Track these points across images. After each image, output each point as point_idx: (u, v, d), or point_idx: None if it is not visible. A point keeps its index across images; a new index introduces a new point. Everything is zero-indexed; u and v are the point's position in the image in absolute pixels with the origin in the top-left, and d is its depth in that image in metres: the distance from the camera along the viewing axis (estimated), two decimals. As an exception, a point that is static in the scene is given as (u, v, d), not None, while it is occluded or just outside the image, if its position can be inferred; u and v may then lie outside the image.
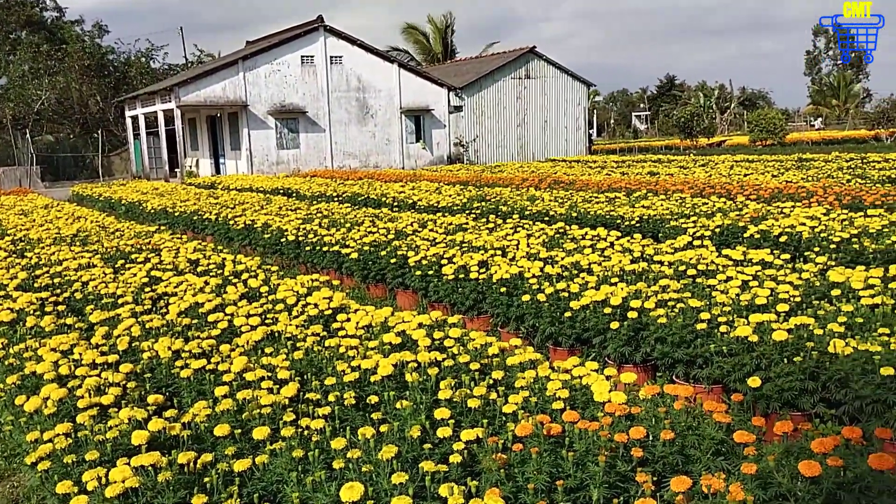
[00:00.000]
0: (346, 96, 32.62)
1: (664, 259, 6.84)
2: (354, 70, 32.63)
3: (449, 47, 55.71)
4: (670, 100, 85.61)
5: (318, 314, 5.60)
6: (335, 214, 11.69)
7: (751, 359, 4.46)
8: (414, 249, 8.10)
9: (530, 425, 3.03)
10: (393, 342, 4.65)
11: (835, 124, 67.11)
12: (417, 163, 34.18)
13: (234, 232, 12.07)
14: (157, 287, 6.76)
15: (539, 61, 37.47)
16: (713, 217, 9.49)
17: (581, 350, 5.71)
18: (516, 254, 7.44)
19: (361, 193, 16.26)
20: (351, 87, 32.68)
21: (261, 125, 30.77)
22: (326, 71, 31.91)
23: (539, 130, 37.90)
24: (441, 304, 7.39)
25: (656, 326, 5.08)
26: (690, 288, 5.76)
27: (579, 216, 10.68)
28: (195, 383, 4.21)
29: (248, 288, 6.65)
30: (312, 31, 31.61)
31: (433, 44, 55.32)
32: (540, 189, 15.25)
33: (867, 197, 10.63)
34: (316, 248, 9.57)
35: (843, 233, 7.65)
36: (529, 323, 6.08)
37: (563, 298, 5.87)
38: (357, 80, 32.75)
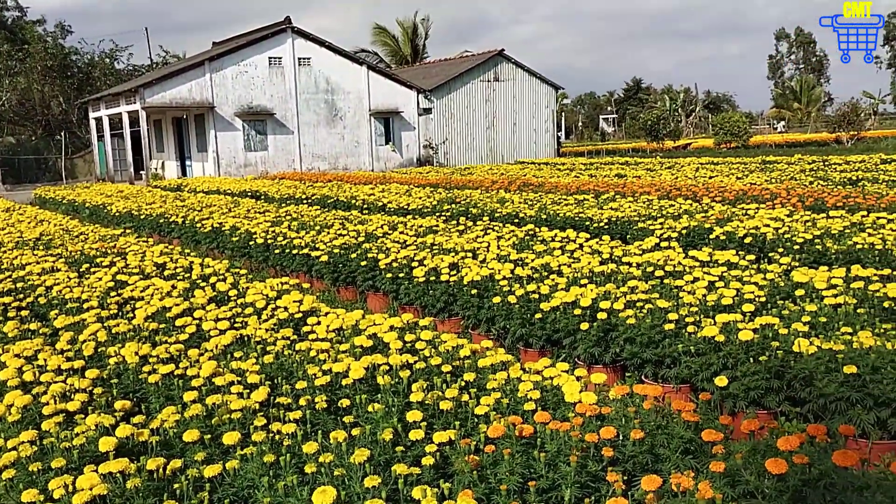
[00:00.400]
0: (314, 98, 32.45)
1: (632, 260, 6.92)
2: (323, 72, 32.48)
3: (418, 50, 55.70)
4: (637, 103, 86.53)
5: (288, 318, 5.57)
6: (304, 217, 11.62)
7: (718, 358, 4.53)
8: (384, 252, 8.09)
9: (502, 427, 3.05)
10: (364, 345, 4.64)
11: (797, 127, 68.30)
12: (387, 165, 34.12)
13: (201, 235, 11.95)
14: (123, 291, 6.66)
15: (508, 64, 37.65)
16: (679, 219, 9.62)
17: (552, 351, 5.75)
18: (487, 256, 7.47)
19: (330, 196, 16.19)
20: (319, 88, 32.52)
21: (228, 127, 30.47)
22: (294, 72, 31.71)
23: (508, 133, 38.07)
24: (412, 306, 7.38)
25: (625, 327, 5.14)
26: (658, 289, 5.83)
27: (549, 218, 10.75)
28: (163, 388, 4.15)
29: (216, 292, 6.58)
30: (280, 32, 31.40)
31: (402, 46, 55.27)
32: (509, 191, 15.33)
33: (829, 199, 10.85)
34: (285, 251, 9.50)
35: (806, 234, 7.80)
36: (500, 324, 6.11)
37: (533, 300, 5.90)
38: (326, 82, 32.60)
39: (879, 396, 3.81)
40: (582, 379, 3.71)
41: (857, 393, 3.85)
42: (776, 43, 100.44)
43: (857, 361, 3.90)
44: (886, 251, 7.12)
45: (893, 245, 7.23)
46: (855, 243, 7.35)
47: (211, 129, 30.15)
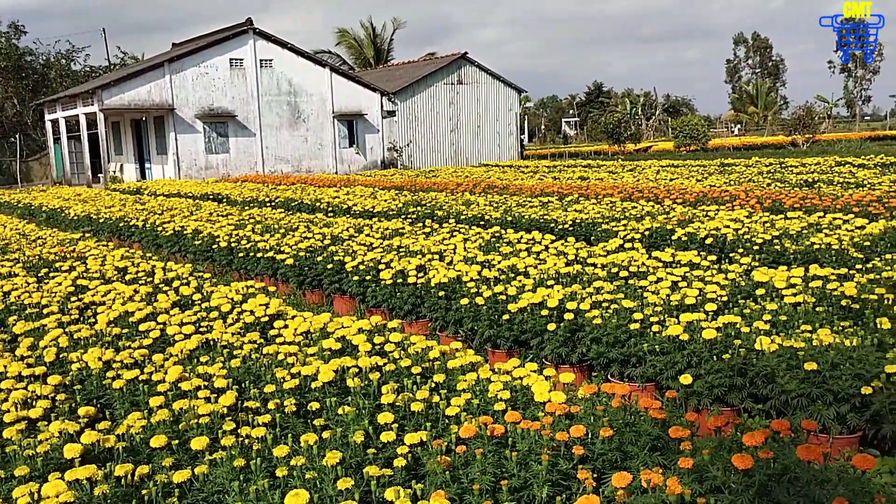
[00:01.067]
0: (277, 100, 32.19)
1: (597, 261, 6.99)
2: (285, 74, 32.22)
3: (382, 52, 55.61)
4: (598, 106, 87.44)
5: (254, 321, 5.52)
6: (268, 220, 11.52)
7: (682, 357, 4.61)
8: (351, 255, 8.06)
9: (474, 427, 3.06)
10: (333, 348, 4.62)
11: (753, 130, 69.61)
12: (351, 168, 33.98)
13: (162, 239, 11.77)
14: (83, 296, 6.54)
15: (471, 67, 37.76)
16: (642, 220, 9.75)
17: (519, 352, 5.79)
18: (454, 258, 7.48)
19: (294, 198, 16.07)
20: (282, 90, 32.26)
21: (188, 129, 30.06)
22: (256, 74, 31.42)
23: (472, 136, 38.18)
24: (379, 309, 7.37)
25: (592, 327, 5.19)
26: (623, 289, 5.91)
27: (514, 220, 10.81)
28: (128, 394, 4.09)
29: (179, 296, 6.49)
30: (241, 33, 31.08)
31: (365, 48, 55.15)
32: (474, 194, 15.39)
33: (787, 200, 11.09)
34: (249, 255, 9.41)
35: (765, 234, 7.97)
36: (468, 326, 6.13)
37: (500, 301, 5.93)
38: (288, 84, 32.36)
39: (839, 392, 3.91)
40: (551, 379, 3.75)
41: (818, 389, 3.95)
42: (734, 47, 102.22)
43: (818, 358, 4.00)
44: (843, 251, 7.30)
45: (849, 245, 7.42)
46: (812, 243, 7.53)
47: (171, 132, 29.72)
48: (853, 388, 3.87)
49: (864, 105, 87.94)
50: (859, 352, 4.03)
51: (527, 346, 5.78)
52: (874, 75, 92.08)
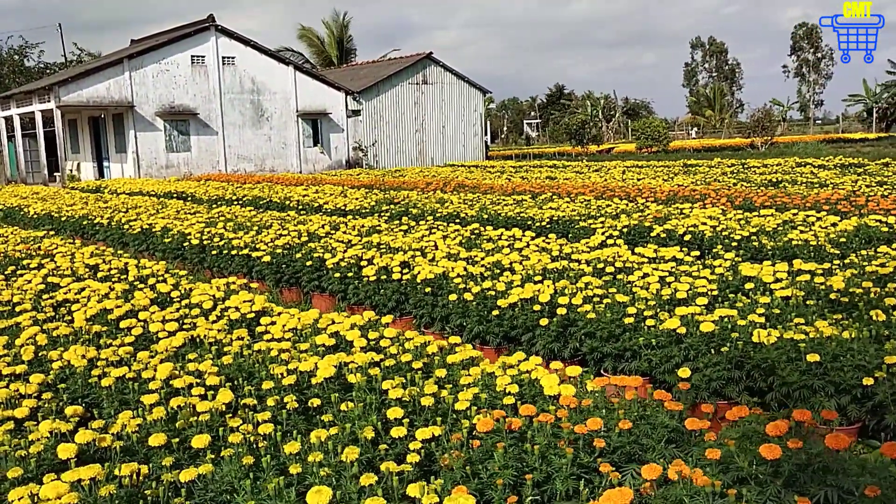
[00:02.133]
0: (239, 98, 31.73)
1: (581, 257, 6.97)
2: (248, 71, 31.79)
3: (344, 51, 55.23)
4: (560, 108, 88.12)
5: (239, 318, 5.37)
6: (240, 218, 11.29)
7: (679, 350, 4.59)
8: (330, 251, 7.92)
9: (490, 421, 2.99)
10: (327, 344, 4.51)
11: (710, 133, 70.77)
12: (315, 167, 33.65)
13: (129, 237, 11.46)
14: (55, 294, 6.30)
15: (436, 67, 37.71)
16: (619, 218, 9.79)
17: (508, 348, 5.73)
18: (435, 254, 7.40)
19: (263, 197, 15.82)
20: (245, 88, 31.82)
21: (148, 127, 29.46)
22: (219, 72, 30.93)
23: (437, 136, 38.13)
24: (361, 306, 7.25)
25: (585, 322, 5.16)
26: (612, 284, 5.89)
27: (490, 218, 10.76)
28: (117, 393, 3.92)
29: (157, 293, 6.29)
30: (203, 30, 30.57)
31: (328, 47, 54.70)
32: (445, 192, 15.30)
33: (756, 198, 11.25)
34: (223, 252, 9.20)
35: (742, 231, 8.05)
36: (456, 322, 6.05)
37: (489, 297, 5.87)
38: (251, 82, 31.92)
39: (840, 384, 3.93)
40: (558, 372, 3.69)
41: (819, 381, 3.96)
42: (691, 51, 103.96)
43: (819, 350, 4.01)
44: (820, 247, 7.40)
45: (825, 241, 7.53)
46: (790, 240, 7.62)
47: (130, 130, 29.09)
48: (854, 380, 3.89)
49: (816, 109, 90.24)
50: (858, 344, 4.06)
51: (517, 342, 5.73)
52: (827, 80, 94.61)
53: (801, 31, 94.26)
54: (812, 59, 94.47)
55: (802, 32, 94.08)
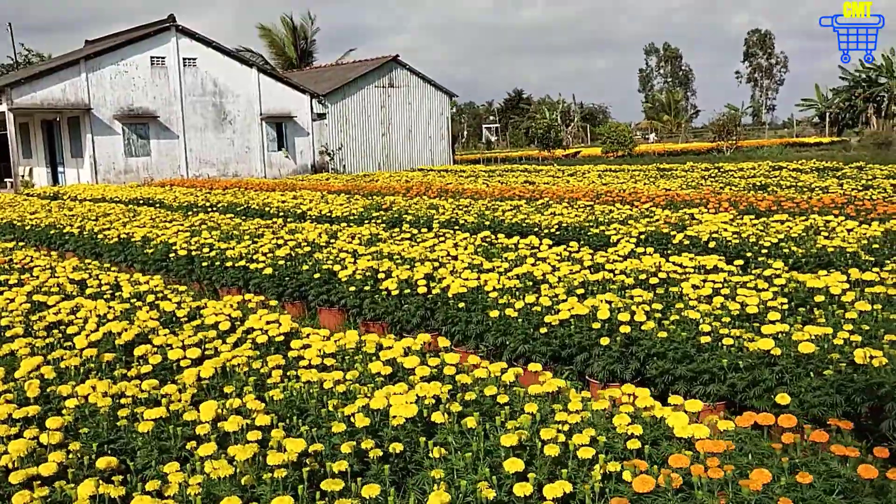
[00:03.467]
0: (201, 101, 30.75)
1: (616, 267, 6.54)
2: (210, 73, 30.83)
3: (305, 53, 54.33)
4: (519, 112, 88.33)
5: (267, 342, 4.79)
6: (224, 226, 10.62)
7: (772, 373, 4.17)
8: (339, 263, 7.36)
9: (651, 478, 2.50)
10: (383, 373, 3.97)
11: (667, 138, 71.52)
12: (281, 171, 32.80)
13: (104, 247, 10.68)
14: (45, 314, 5.63)
15: (402, 70, 37.18)
16: (627, 223, 9.41)
17: (554, 368, 5.25)
18: (455, 265, 6.89)
19: (239, 203, 15.09)
20: (207, 91, 30.85)
21: (106, 130, 28.32)
22: (179, 73, 29.92)
23: (404, 140, 37.57)
24: (377, 323, 6.71)
25: (654, 341, 4.71)
26: (667, 298, 5.46)
27: (493, 225, 10.29)
28: (153, 438, 3.33)
29: (161, 313, 5.66)
30: (163, 30, 29.56)
31: (287, 49, 53.74)
32: (429, 198, 14.77)
33: (760, 203, 11.00)
34: (215, 264, 8.54)
35: (770, 238, 7.71)
36: (495, 340, 5.55)
37: (535, 313, 5.39)
38: (213, 84, 30.97)
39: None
40: (679, 408, 3.22)
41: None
42: (646, 57, 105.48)
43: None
44: (855, 254, 7.10)
45: (858, 248, 7.23)
46: (824, 246, 7.31)
47: (87, 133, 27.92)
48: None
49: (769, 114, 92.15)
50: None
51: (565, 362, 5.26)
52: (779, 86, 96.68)
53: (755, 37, 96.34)
54: (765, 65, 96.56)
55: (756, 39, 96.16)
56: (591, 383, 5.05)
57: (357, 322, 6.94)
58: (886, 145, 38.01)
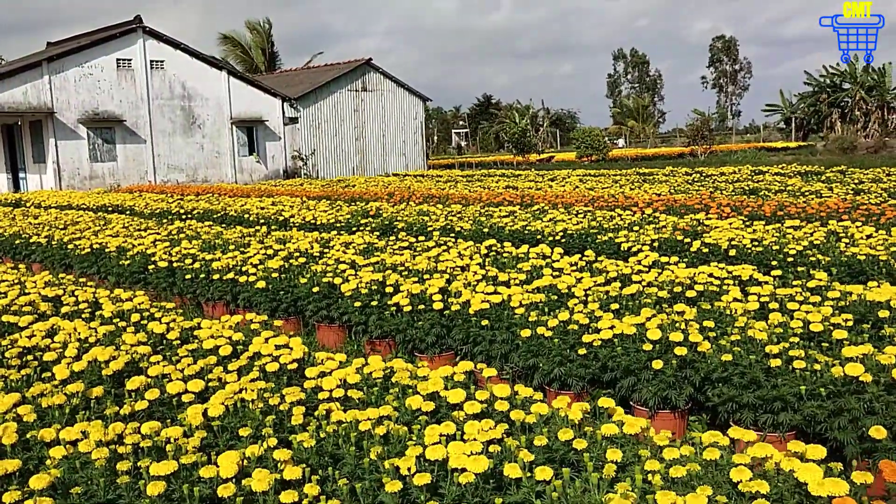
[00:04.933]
0: (169, 104, 29.79)
1: (644, 278, 6.05)
2: (178, 76, 29.89)
3: (271, 57, 53.39)
4: (488, 117, 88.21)
5: (278, 370, 4.20)
6: (205, 235, 9.95)
7: (859, 402, 3.71)
8: (339, 275, 6.78)
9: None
10: (424, 409, 3.42)
11: (636, 143, 71.87)
12: (252, 177, 31.94)
13: (75, 258, 9.94)
14: (15, 337, 4.97)
15: (376, 74, 36.54)
16: (633, 230, 8.97)
17: (591, 393, 4.75)
18: (468, 277, 6.36)
19: (215, 210, 14.38)
20: (175, 94, 29.90)
21: (70, 135, 27.25)
22: (147, 76, 28.95)
23: (378, 144, 36.90)
24: (384, 340, 6.15)
25: (714, 364, 4.22)
26: (714, 315, 4.99)
27: (492, 232, 9.77)
28: (164, 502, 2.74)
29: (149, 335, 5.03)
30: (129, 32, 28.56)
31: (253, 53, 52.75)
32: (414, 203, 14.22)
33: (765, 209, 10.65)
34: (199, 277, 7.89)
35: (796, 245, 7.31)
36: (526, 362, 5.02)
37: (570, 332, 4.87)
38: (182, 87, 30.03)
39: None
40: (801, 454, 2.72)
41: None
42: (614, 62, 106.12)
43: None
44: (887, 262, 6.73)
45: (888, 256, 6.86)
46: (854, 255, 6.92)
47: (50, 138, 26.83)
48: None
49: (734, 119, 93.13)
50: None
51: (604, 386, 4.76)
52: (744, 91, 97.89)
53: (720, 43, 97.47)
54: (730, 71, 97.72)
55: (721, 45, 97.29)
56: (635, 409, 4.56)
57: (360, 340, 6.37)
58: (851, 150, 38.42)
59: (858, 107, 57.21)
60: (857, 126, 55.69)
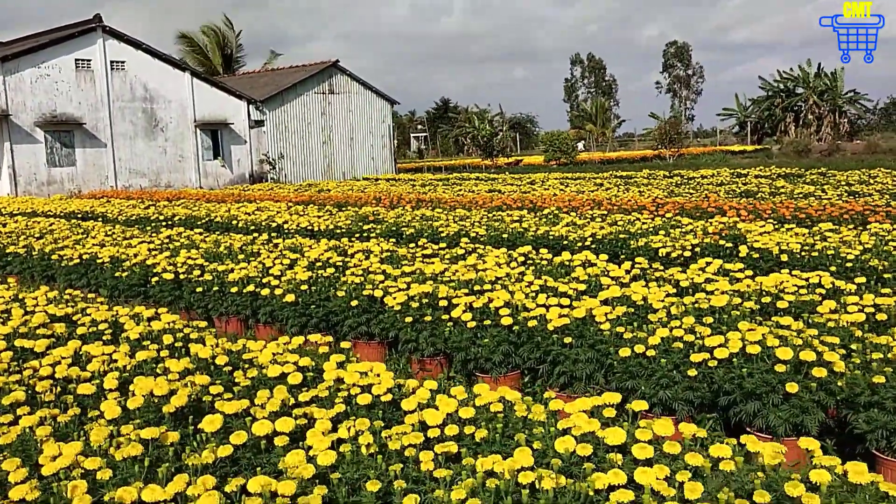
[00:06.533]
0: (130, 106, 28.63)
1: (717, 287, 5.60)
2: (140, 77, 28.74)
3: (230, 60, 52.03)
4: (447, 122, 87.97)
5: (371, 403, 3.62)
6: (204, 244, 9.22)
7: None
8: (377, 286, 6.19)
9: None
10: (581, 453, 2.88)
11: (594, 147, 72.30)
12: (218, 181, 30.90)
13: (60, 270, 9.13)
14: (32, 365, 4.28)
15: (343, 76, 35.79)
16: (659, 234, 8.55)
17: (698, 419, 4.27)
18: (520, 288, 5.83)
19: (199, 216, 13.57)
20: (136, 96, 28.75)
21: (26, 138, 25.93)
22: (107, 77, 27.76)
23: (346, 148, 36.12)
24: (435, 359, 5.60)
25: (861, 387, 3.78)
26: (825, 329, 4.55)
27: (511, 238, 9.26)
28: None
29: (193, 359, 4.38)
30: (89, 31, 27.34)
31: (211, 55, 51.34)
32: (408, 208, 13.62)
33: (784, 211, 10.37)
34: (212, 290, 7.21)
35: (852, 250, 6.97)
36: (622, 384, 4.51)
37: (674, 351, 4.39)
38: (144, 89, 28.89)
39: None
40: None
41: None
42: (571, 67, 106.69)
43: None
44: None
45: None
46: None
47: (5, 142, 25.48)
48: None
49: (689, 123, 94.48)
50: None
51: (711, 410, 4.29)
52: (697, 96, 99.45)
53: (673, 48, 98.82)
54: (683, 76, 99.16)
55: (674, 50, 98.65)
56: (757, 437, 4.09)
57: (401, 358, 5.80)
58: (806, 153, 39.09)
59: (811, 111, 58.42)
60: (811, 130, 56.85)
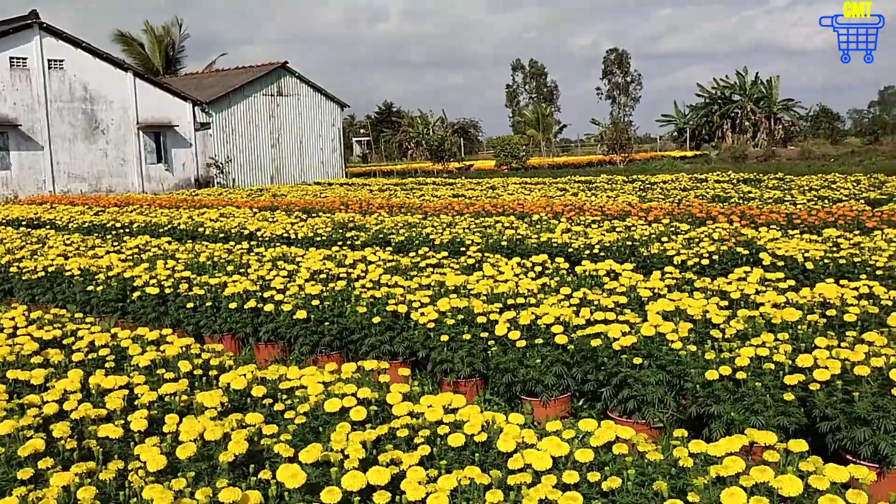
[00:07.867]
0: (69, 107, 27.22)
1: (768, 299, 5.27)
2: (80, 77, 27.35)
3: (171, 60, 50.34)
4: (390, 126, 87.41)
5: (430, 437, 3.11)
6: (181, 254, 8.50)
7: None
8: (400, 301, 5.66)
9: None
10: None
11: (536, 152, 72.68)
12: (163, 186, 29.64)
13: (20, 284, 8.28)
14: (32, 401, 3.63)
15: (292, 78, 34.88)
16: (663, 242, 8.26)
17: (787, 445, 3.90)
18: (556, 300, 5.40)
19: (160, 223, 12.73)
20: (76, 96, 27.35)
21: (-44, 140, 24.38)
22: (44, 77, 26.32)
23: (295, 152, 35.18)
24: (469, 381, 5.12)
25: None
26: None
27: (510, 245, 8.83)
28: None
29: (224, 391, 3.79)
30: (24, 28, 25.86)
31: (151, 55, 49.59)
32: (383, 213, 13.06)
33: (779, 217, 10.23)
34: (204, 305, 6.55)
35: (880, 258, 6.76)
36: (703, 409, 4.11)
37: (765, 372, 4.01)
38: (83, 89, 27.51)
39: None
40: None
41: None
42: (512, 73, 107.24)
43: None
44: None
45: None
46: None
47: (-68, 143, 23.89)
48: None
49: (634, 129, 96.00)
50: None
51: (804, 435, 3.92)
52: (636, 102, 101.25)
53: (612, 55, 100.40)
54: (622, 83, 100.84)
55: (613, 57, 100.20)
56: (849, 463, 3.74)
57: (427, 380, 5.30)
58: (742, 158, 40.00)
59: (748, 118, 59.99)
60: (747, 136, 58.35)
